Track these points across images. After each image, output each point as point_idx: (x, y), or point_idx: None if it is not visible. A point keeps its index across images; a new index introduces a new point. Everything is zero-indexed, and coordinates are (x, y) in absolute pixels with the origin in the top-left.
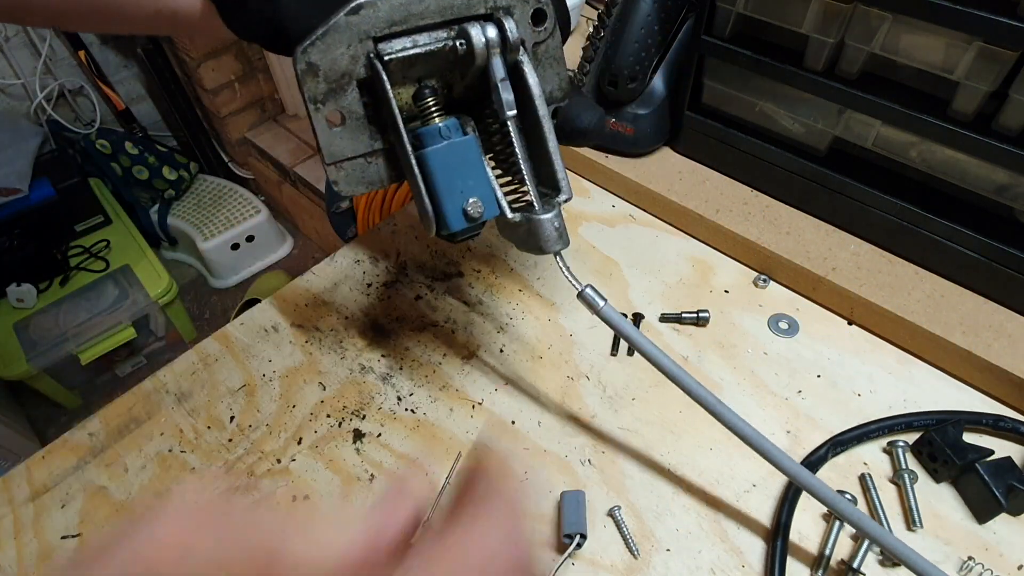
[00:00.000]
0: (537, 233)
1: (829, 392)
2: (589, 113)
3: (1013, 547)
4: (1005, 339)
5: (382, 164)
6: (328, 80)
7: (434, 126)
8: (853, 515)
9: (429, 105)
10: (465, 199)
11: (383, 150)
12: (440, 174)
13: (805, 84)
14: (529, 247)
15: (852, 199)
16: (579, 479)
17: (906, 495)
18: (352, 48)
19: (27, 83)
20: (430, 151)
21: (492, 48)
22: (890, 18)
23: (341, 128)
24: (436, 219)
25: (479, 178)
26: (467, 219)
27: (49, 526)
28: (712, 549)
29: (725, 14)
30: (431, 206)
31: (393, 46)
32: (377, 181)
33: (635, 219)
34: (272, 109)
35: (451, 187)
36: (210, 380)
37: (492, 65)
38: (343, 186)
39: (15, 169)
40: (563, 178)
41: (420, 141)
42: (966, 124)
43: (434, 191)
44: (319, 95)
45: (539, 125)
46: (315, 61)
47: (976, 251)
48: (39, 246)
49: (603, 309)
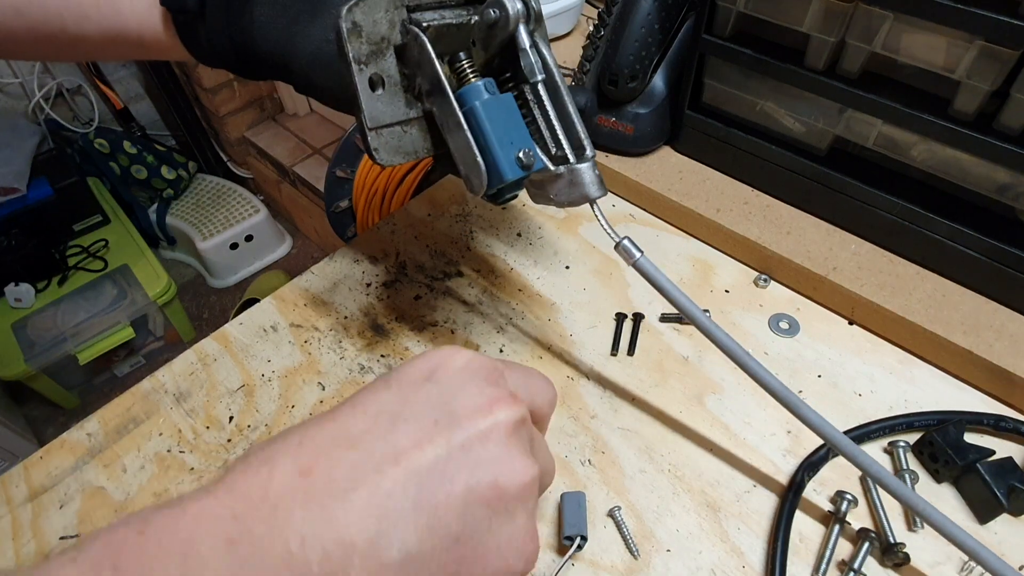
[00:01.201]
0: (580, 181)
1: (830, 392)
2: (580, 95)
3: (1014, 548)
4: (1006, 339)
5: (417, 134)
6: (370, 41)
7: (475, 84)
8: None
9: (465, 68)
10: (516, 148)
11: (419, 119)
12: (491, 125)
13: (806, 83)
14: (572, 198)
15: (853, 198)
16: (579, 479)
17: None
18: (389, 13)
19: (25, 82)
20: (479, 104)
21: (520, 17)
22: (891, 17)
23: (381, 92)
24: (489, 173)
25: (523, 132)
26: (521, 167)
27: (47, 527)
28: (712, 550)
29: (726, 13)
30: (483, 160)
31: (425, 17)
32: (412, 152)
33: (635, 219)
34: (271, 108)
35: (503, 137)
36: (209, 380)
37: (519, 33)
38: (383, 154)
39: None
40: (586, 136)
41: (463, 100)
42: (967, 123)
43: (485, 144)
44: (362, 55)
45: (557, 90)
46: (359, 21)
47: (977, 251)
48: (37, 246)
49: (639, 261)
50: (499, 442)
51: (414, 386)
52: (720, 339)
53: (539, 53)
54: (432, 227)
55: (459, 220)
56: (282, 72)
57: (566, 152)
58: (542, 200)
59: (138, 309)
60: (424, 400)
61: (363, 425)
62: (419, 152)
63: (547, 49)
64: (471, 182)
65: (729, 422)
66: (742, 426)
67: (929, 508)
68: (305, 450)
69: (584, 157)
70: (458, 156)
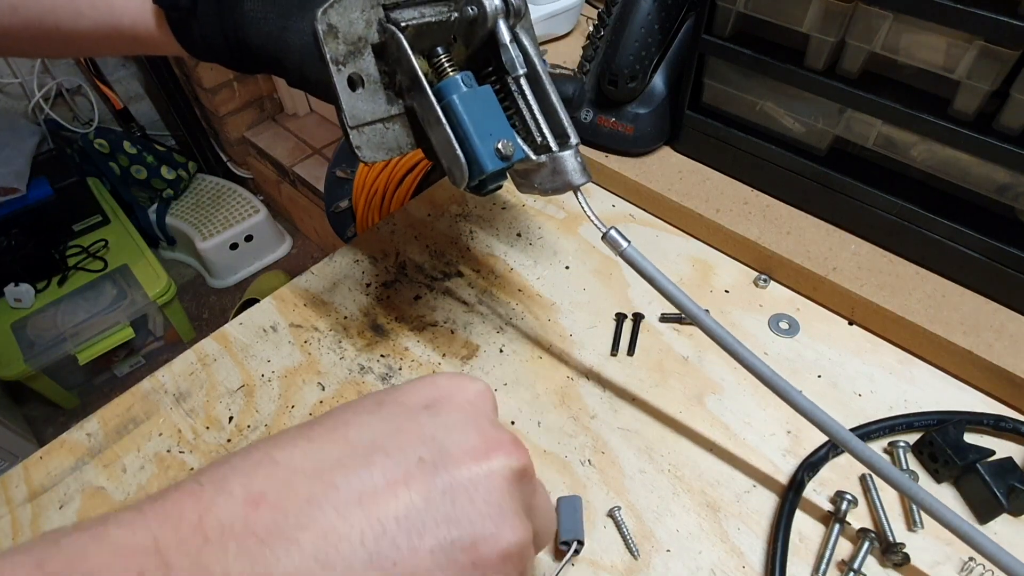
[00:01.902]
0: (562, 169)
1: (830, 392)
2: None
3: (1014, 548)
4: (1006, 339)
5: (399, 130)
6: (347, 42)
7: (452, 78)
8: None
9: (443, 62)
10: (495, 140)
11: (400, 115)
12: (469, 118)
13: (806, 83)
14: (556, 185)
15: (853, 199)
16: (579, 480)
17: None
18: (366, 13)
19: (24, 82)
20: (457, 97)
21: (499, 13)
22: (891, 17)
23: (361, 91)
24: (469, 165)
25: (502, 123)
26: (501, 158)
27: (47, 527)
28: (712, 550)
29: (725, 13)
30: (463, 153)
31: (403, 15)
32: (396, 147)
33: (635, 219)
34: (271, 108)
35: (481, 129)
36: (209, 380)
37: (499, 28)
38: (366, 152)
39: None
40: (569, 125)
41: (441, 94)
42: (967, 123)
43: (464, 137)
44: (340, 56)
45: (539, 81)
46: (335, 23)
47: (977, 251)
48: (37, 246)
49: (626, 250)
50: (490, 495)
51: (408, 415)
52: (714, 330)
53: (521, 47)
54: (432, 227)
55: (459, 220)
56: (275, 66)
57: (549, 141)
58: (527, 190)
59: (138, 309)
60: (415, 433)
61: (337, 453)
62: (403, 147)
63: (529, 40)
64: (453, 174)
65: (729, 422)
66: (742, 426)
67: (933, 500)
68: (262, 473)
69: (567, 145)
70: (439, 150)
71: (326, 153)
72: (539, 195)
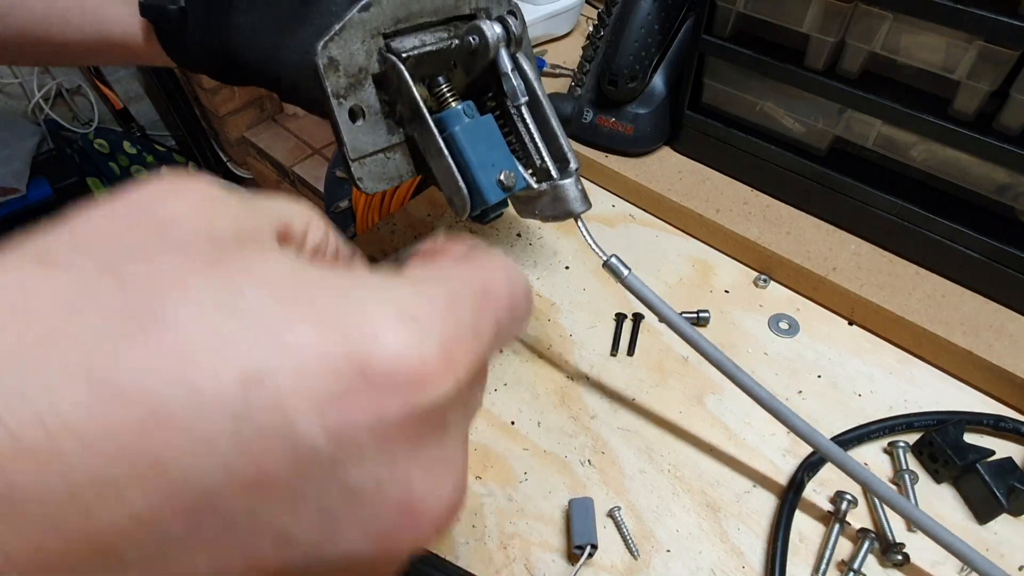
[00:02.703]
0: (563, 197)
1: (830, 392)
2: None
3: (1014, 548)
4: (1006, 339)
5: (400, 159)
6: (348, 74)
7: (454, 109)
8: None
9: (444, 92)
10: (497, 171)
11: (400, 144)
12: (471, 149)
13: (805, 83)
14: (556, 213)
15: (853, 199)
16: (579, 480)
17: (907, 496)
18: (366, 44)
19: (24, 82)
20: (458, 129)
21: (500, 43)
22: (891, 17)
23: (362, 122)
24: (471, 196)
25: (504, 153)
26: (503, 189)
27: None
28: (712, 550)
29: (725, 13)
30: (464, 184)
31: (404, 44)
32: (397, 176)
33: (635, 219)
34: (271, 108)
35: (483, 161)
36: None
37: (500, 58)
38: (367, 183)
39: (12, 169)
40: (570, 150)
41: (443, 124)
42: (967, 124)
43: (466, 168)
44: (341, 89)
45: (540, 106)
46: (335, 56)
47: (977, 251)
48: None
49: (627, 278)
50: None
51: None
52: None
53: (522, 74)
54: (432, 227)
55: (459, 220)
56: (266, 81)
57: (549, 167)
58: (528, 215)
59: None
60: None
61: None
62: (403, 176)
63: (529, 66)
64: (455, 205)
65: (729, 422)
66: (742, 426)
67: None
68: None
69: (568, 172)
70: (441, 180)
71: (326, 153)
72: (539, 220)
